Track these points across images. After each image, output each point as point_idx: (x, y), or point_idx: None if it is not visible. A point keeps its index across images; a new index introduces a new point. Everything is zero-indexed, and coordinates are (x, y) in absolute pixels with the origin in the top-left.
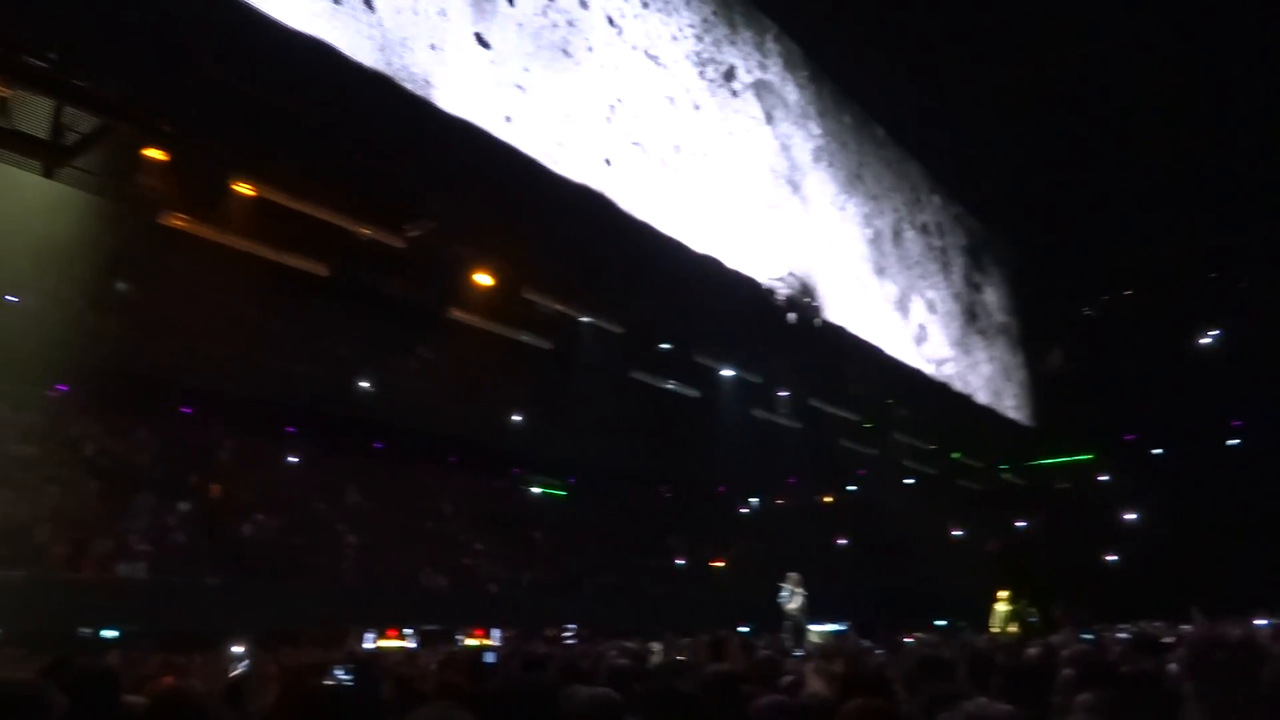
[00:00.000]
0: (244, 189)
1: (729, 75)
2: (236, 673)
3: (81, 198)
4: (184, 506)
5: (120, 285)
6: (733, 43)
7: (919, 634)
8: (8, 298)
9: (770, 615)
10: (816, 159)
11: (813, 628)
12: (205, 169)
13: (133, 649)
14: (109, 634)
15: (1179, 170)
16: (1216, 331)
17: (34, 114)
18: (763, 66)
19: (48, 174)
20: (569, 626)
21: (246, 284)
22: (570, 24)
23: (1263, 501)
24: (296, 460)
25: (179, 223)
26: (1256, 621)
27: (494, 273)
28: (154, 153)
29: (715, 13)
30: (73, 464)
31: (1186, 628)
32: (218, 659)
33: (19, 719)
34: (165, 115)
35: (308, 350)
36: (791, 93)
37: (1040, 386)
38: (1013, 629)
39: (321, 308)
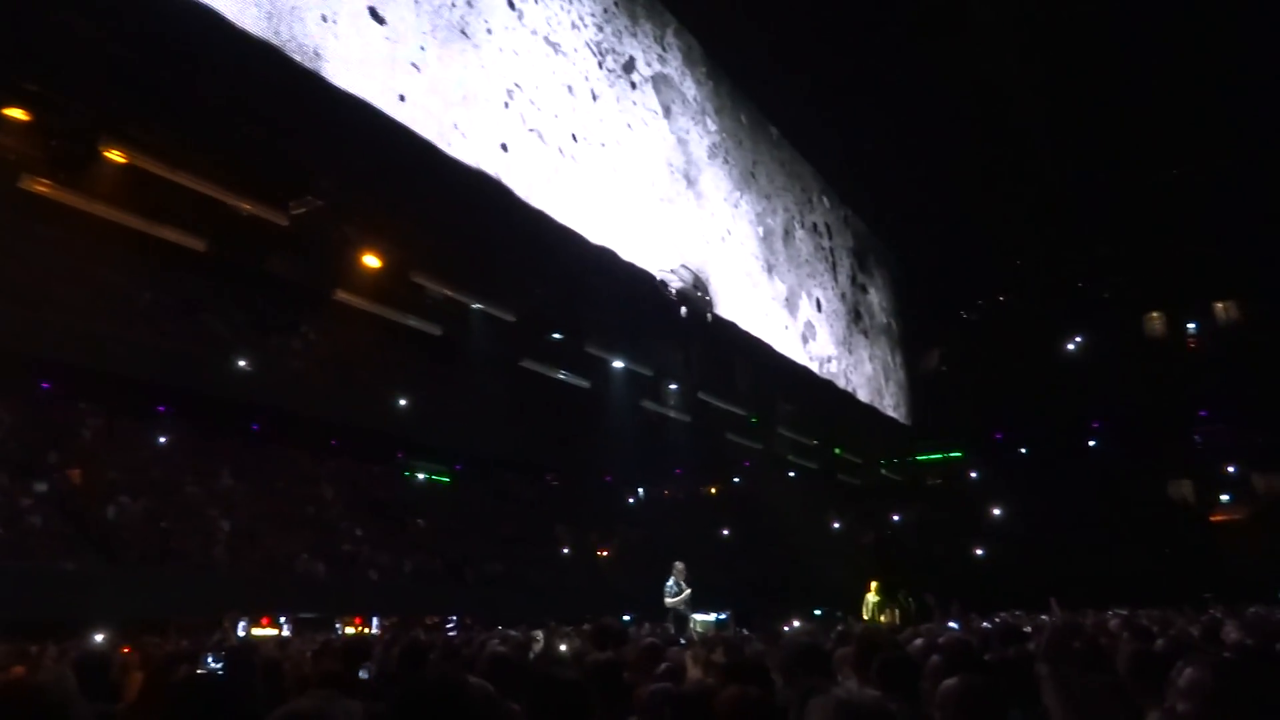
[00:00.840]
0: (115, 155)
1: (629, 67)
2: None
3: None
4: (41, 487)
5: None
6: (633, 34)
7: (797, 623)
8: None
9: (654, 605)
10: (712, 155)
11: (696, 617)
12: (71, 132)
13: None
14: None
15: (1055, 184)
16: (1079, 339)
17: None
18: (662, 60)
19: None
20: (451, 617)
21: (115, 254)
22: (469, 4)
23: (1118, 500)
24: (166, 441)
25: (41, 188)
26: (1108, 613)
27: (382, 255)
28: (15, 112)
29: (616, 3)
30: None
31: (1045, 618)
32: (74, 648)
33: None
34: (28, 72)
35: (181, 326)
36: (690, 88)
37: (918, 386)
38: (884, 618)
39: (197, 282)
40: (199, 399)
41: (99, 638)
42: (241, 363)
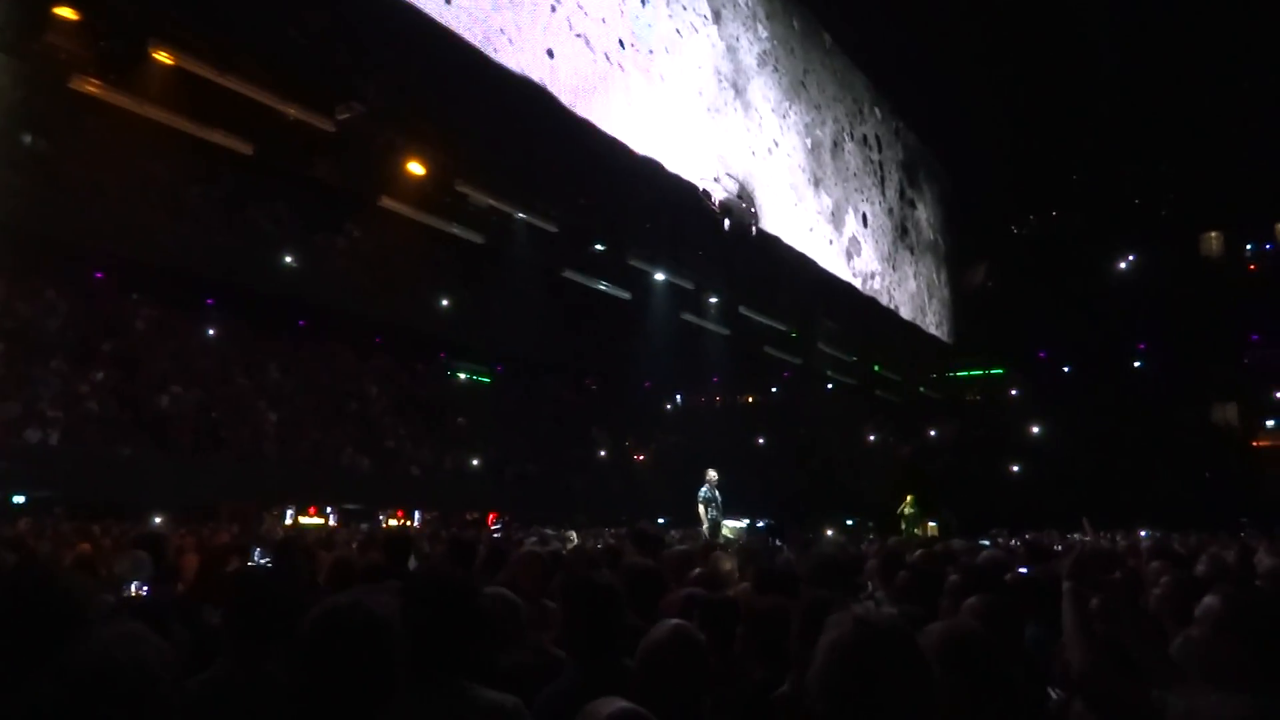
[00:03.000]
0: (163, 57)
1: None
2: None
3: None
4: (97, 375)
5: (27, 140)
6: None
7: (829, 533)
8: None
9: (688, 510)
10: (762, 63)
11: (728, 523)
12: (120, 32)
13: (43, 516)
14: (17, 499)
15: (1109, 99)
16: (1131, 257)
17: None
18: None
19: None
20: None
21: (165, 151)
22: None
23: (1160, 422)
24: (215, 334)
25: (91, 88)
26: (1140, 533)
27: (426, 162)
28: (64, 10)
29: None
30: None
31: (1076, 537)
32: (133, 530)
33: None
34: None
35: (229, 222)
36: None
37: (962, 302)
38: (919, 531)
39: (244, 180)
40: (247, 294)
41: (157, 520)
42: (288, 259)
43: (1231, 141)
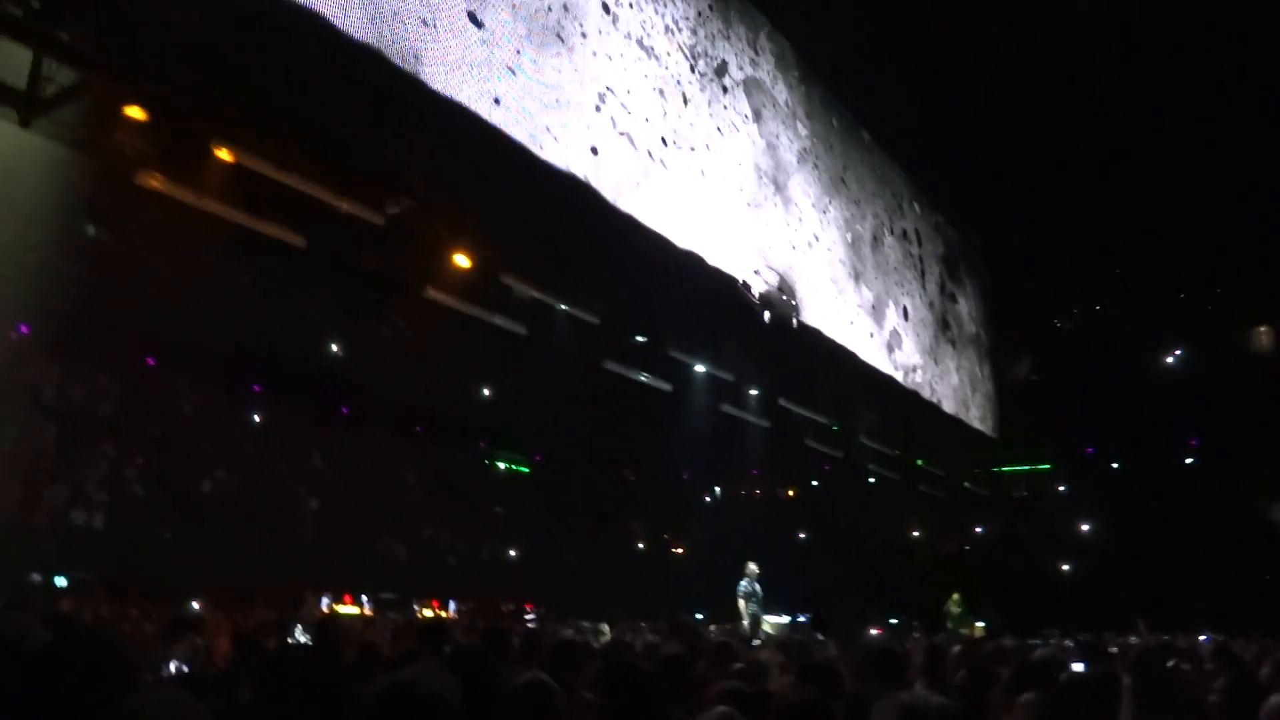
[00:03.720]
0: (223, 154)
1: (721, 70)
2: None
3: (58, 148)
4: (142, 458)
5: (90, 231)
6: (726, 37)
7: (874, 630)
8: None
9: (727, 604)
10: (802, 160)
11: (768, 618)
12: (185, 131)
13: (84, 597)
14: (60, 581)
15: (1152, 190)
16: (1178, 351)
17: (12, 64)
18: (754, 64)
19: (24, 124)
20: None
21: (218, 240)
22: (565, 8)
23: (1215, 520)
24: (259, 419)
25: (155, 183)
26: (1199, 638)
27: (472, 255)
28: (133, 111)
29: (711, 6)
30: (31, 407)
31: (1133, 640)
32: (171, 613)
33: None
34: (147, 74)
35: (277, 309)
36: (781, 92)
37: (1006, 396)
38: (965, 630)
39: (294, 270)
40: (291, 379)
41: (195, 605)
42: (333, 347)
43: (1277, 231)
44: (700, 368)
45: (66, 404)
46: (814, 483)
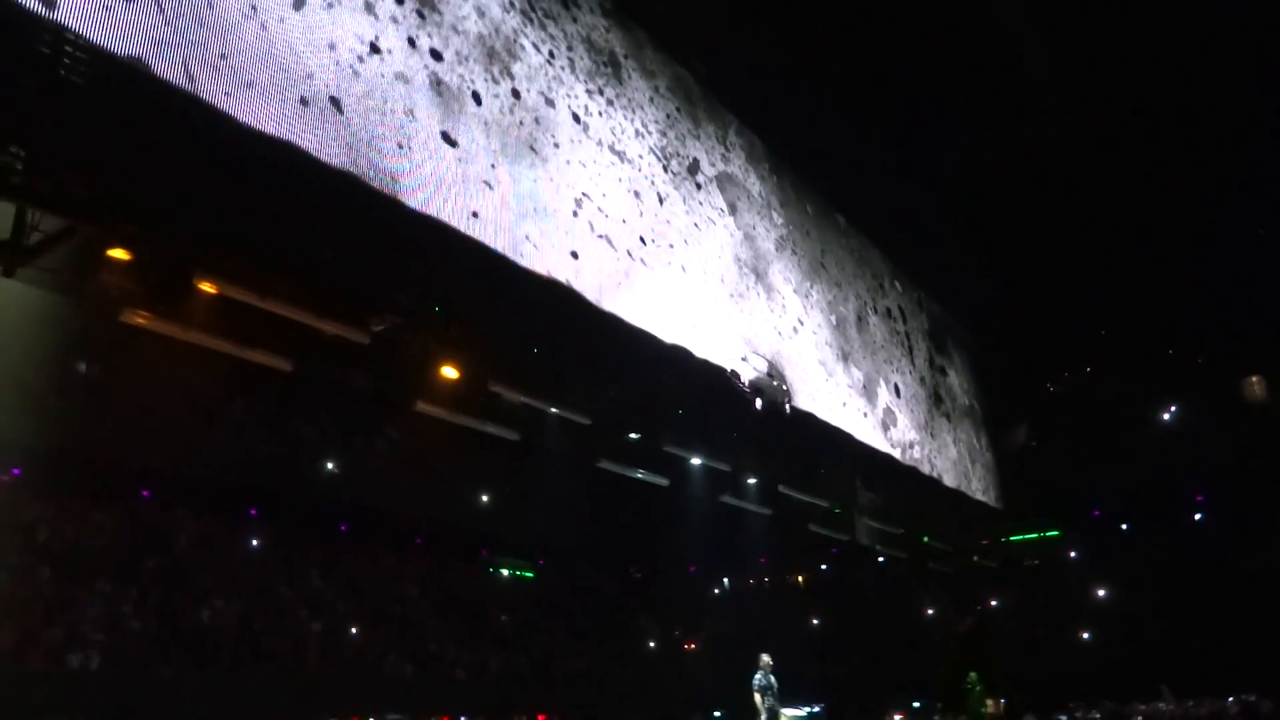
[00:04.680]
0: (207, 286)
1: (693, 168)
2: None
3: (44, 292)
4: (139, 593)
5: (81, 369)
6: (696, 136)
7: (896, 715)
8: None
9: (743, 700)
10: (780, 247)
11: (786, 712)
12: (169, 267)
13: None
14: None
15: (1130, 249)
16: (1173, 407)
17: None
18: (726, 159)
19: (8, 274)
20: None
21: (209, 370)
22: (536, 121)
23: (1231, 575)
24: (256, 543)
25: (141, 319)
26: (1227, 700)
27: (459, 366)
28: (117, 252)
29: (679, 109)
30: (24, 550)
31: (1161, 706)
32: None
33: None
34: (130, 216)
35: (270, 433)
36: (754, 184)
37: (1006, 466)
38: (986, 709)
39: (285, 394)
40: (288, 501)
41: None
42: (328, 465)
43: (1264, 283)
44: (696, 460)
45: (61, 543)
46: (823, 567)
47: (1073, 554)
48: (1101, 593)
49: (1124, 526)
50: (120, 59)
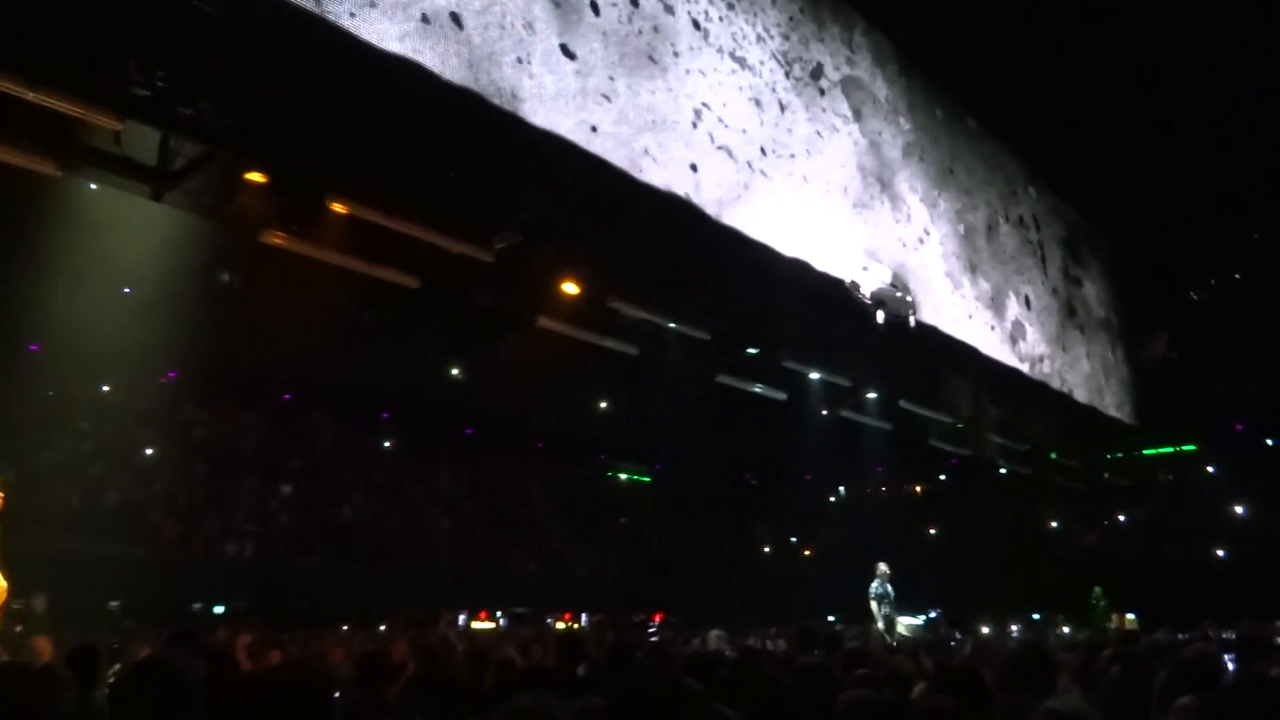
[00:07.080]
0: (338, 207)
1: (816, 73)
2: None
3: (188, 216)
4: (285, 489)
5: (225, 282)
6: (820, 39)
7: (1014, 627)
8: (125, 290)
9: (858, 606)
10: (907, 155)
11: (902, 620)
12: (302, 189)
13: (239, 625)
14: (218, 609)
15: None
16: None
17: (143, 143)
18: (851, 62)
19: (156, 198)
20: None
21: (342, 285)
22: (655, 30)
23: None
24: (390, 445)
25: (278, 240)
26: None
27: (580, 282)
28: (254, 175)
29: (802, 10)
30: (184, 448)
31: None
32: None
33: (174, 689)
34: (264, 141)
35: (399, 343)
36: (881, 88)
37: (1143, 379)
38: (1112, 624)
39: (412, 307)
40: (417, 407)
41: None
42: (454, 372)
43: None
44: (815, 375)
45: (215, 443)
46: (941, 477)
47: (1210, 469)
48: (1240, 509)
49: (1269, 441)
50: None
